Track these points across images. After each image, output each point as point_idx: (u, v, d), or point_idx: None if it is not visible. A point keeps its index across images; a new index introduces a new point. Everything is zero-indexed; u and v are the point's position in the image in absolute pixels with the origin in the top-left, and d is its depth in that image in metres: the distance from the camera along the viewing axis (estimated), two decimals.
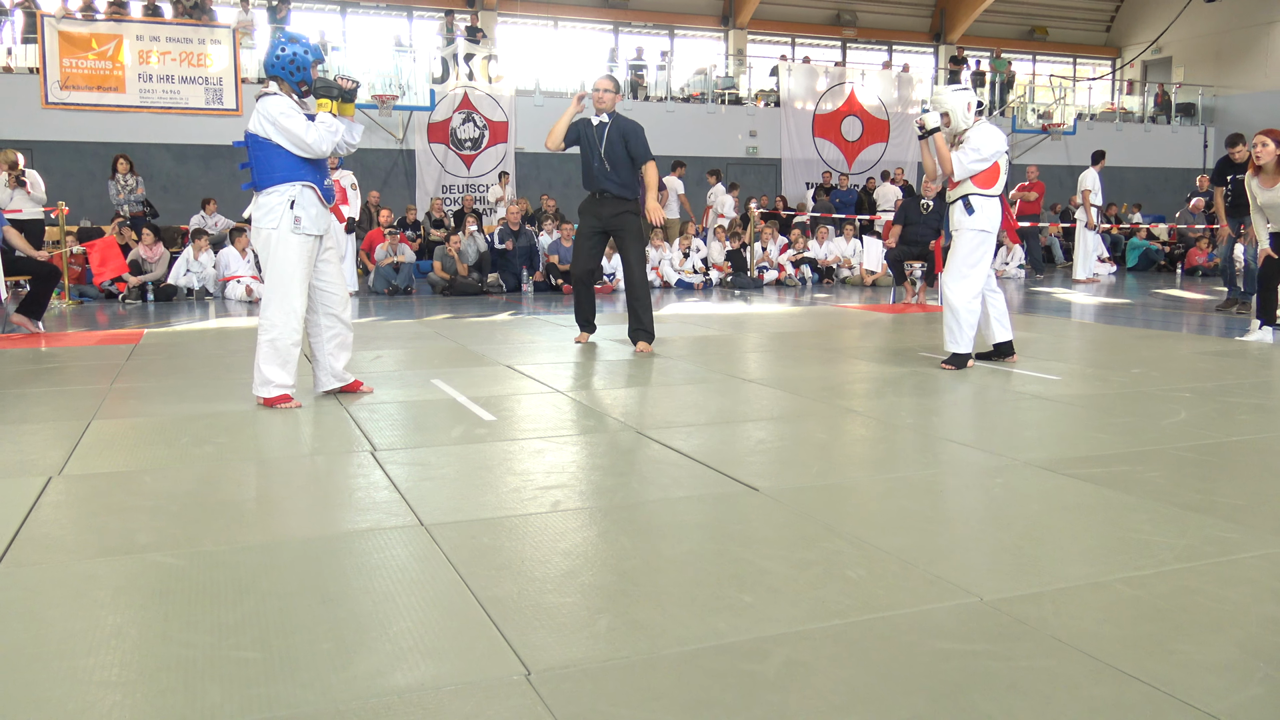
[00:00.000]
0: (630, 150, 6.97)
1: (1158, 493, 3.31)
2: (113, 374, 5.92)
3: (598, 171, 7.00)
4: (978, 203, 5.97)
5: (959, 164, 5.93)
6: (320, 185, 4.90)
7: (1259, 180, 7.31)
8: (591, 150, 7.02)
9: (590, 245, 7.22)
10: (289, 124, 4.72)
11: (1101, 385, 5.44)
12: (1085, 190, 14.04)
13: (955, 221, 6.08)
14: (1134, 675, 1.99)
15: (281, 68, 4.86)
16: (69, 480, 3.53)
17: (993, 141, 5.93)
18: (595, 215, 7.13)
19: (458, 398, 5.09)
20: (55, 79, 14.61)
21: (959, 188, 6.05)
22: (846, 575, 2.55)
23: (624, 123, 7.04)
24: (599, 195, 7.07)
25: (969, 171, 5.95)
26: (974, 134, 5.95)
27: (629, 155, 6.98)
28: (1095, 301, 11.19)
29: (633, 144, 6.97)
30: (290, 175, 4.79)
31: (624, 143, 6.97)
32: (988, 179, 6.00)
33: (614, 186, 7.02)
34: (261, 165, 4.80)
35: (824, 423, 4.53)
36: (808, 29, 23.12)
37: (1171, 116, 23.04)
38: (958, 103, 5.98)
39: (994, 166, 5.99)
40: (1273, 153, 7.16)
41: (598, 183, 7.04)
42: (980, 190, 5.98)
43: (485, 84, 17.19)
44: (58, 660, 2.06)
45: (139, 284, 11.46)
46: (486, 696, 1.91)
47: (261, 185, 4.81)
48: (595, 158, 7.01)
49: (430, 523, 2.99)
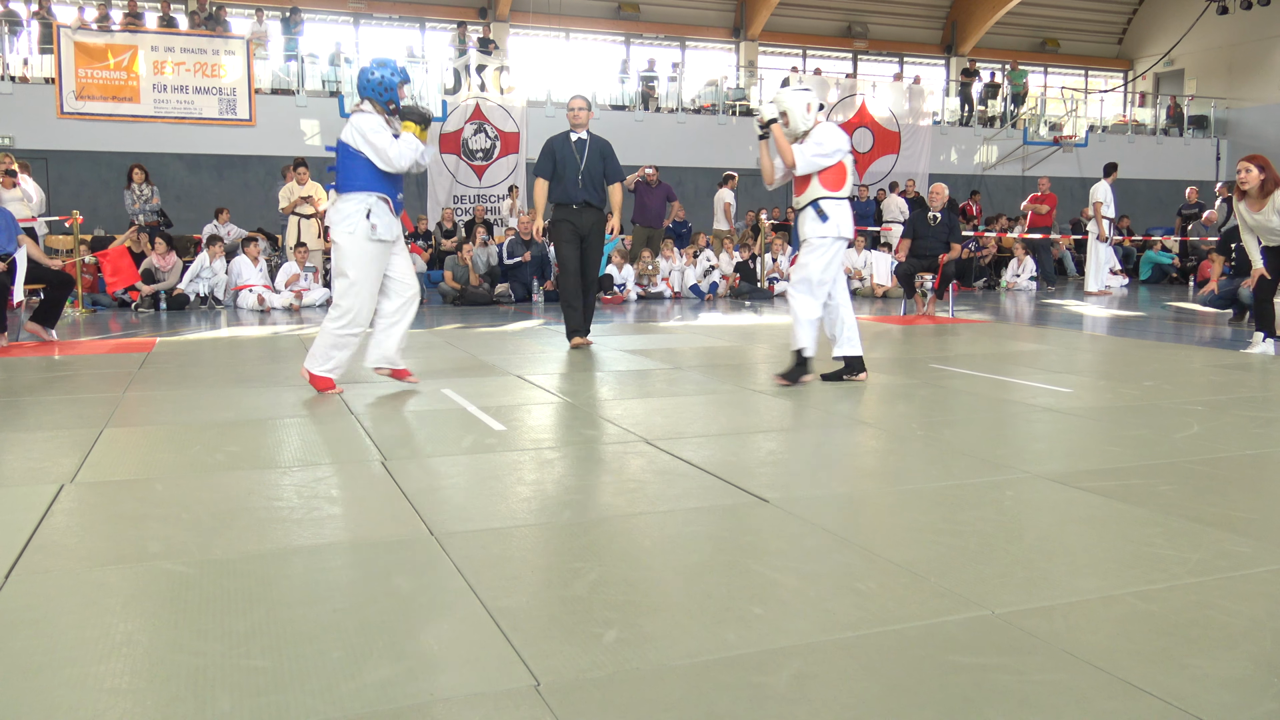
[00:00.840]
0: (607, 168, 7.57)
1: (1170, 506, 3.29)
2: (125, 382, 5.95)
3: (580, 185, 7.48)
4: (829, 208, 5.78)
5: (801, 156, 5.71)
6: (394, 197, 5.47)
7: (1246, 204, 7.41)
8: (572, 166, 7.47)
9: (577, 253, 7.65)
10: (377, 140, 5.28)
11: (1113, 398, 5.42)
12: (1097, 203, 14.02)
13: (806, 230, 5.85)
14: (1146, 689, 1.98)
15: (373, 89, 5.41)
16: (81, 488, 3.54)
17: (834, 138, 5.78)
18: (574, 224, 7.57)
19: (468, 407, 5.10)
20: (71, 89, 14.74)
21: (807, 191, 5.84)
22: (857, 588, 2.54)
23: (600, 141, 7.62)
24: (577, 206, 7.55)
25: (812, 165, 5.74)
26: (816, 131, 5.79)
27: (605, 171, 7.55)
28: (1107, 314, 11.15)
29: (610, 163, 7.59)
30: (369, 185, 5.36)
31: (603, 161, 7.53)
32: (835, 180, 5.81)
33: (594, 198, 7.56)
34: (346, 172, 5.37)
35: (834, 434, 4.52)
36: (819, 41, 23.18)
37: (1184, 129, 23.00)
38: (796, 103, 5.79)
39: (839, 166, 5.81)
40: (1256, 178, 7.26)
41: (578, 195, 7.52)
42: (830, 193, 5.80)
43: (497, 95, 17.27)
44: (69, 667, 2.07)
45: (151, 293, 11.52)
46: (496, 707, 1.91)
47: (343, 189, 5.38)
48: (575, 173, 7.47)
49: (440, 532, 2.99)
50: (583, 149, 7.44)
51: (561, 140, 7.54)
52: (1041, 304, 12.60)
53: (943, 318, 10.40)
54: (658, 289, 13.57)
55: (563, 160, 7.48)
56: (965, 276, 15.00)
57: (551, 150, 7.54)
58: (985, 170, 20.77)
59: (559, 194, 7.56)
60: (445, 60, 17.90)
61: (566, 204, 7.54)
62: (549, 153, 7.54)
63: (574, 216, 7.53)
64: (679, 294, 13.76)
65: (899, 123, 19.77)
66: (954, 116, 21.42)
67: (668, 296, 13.62)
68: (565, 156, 7.47)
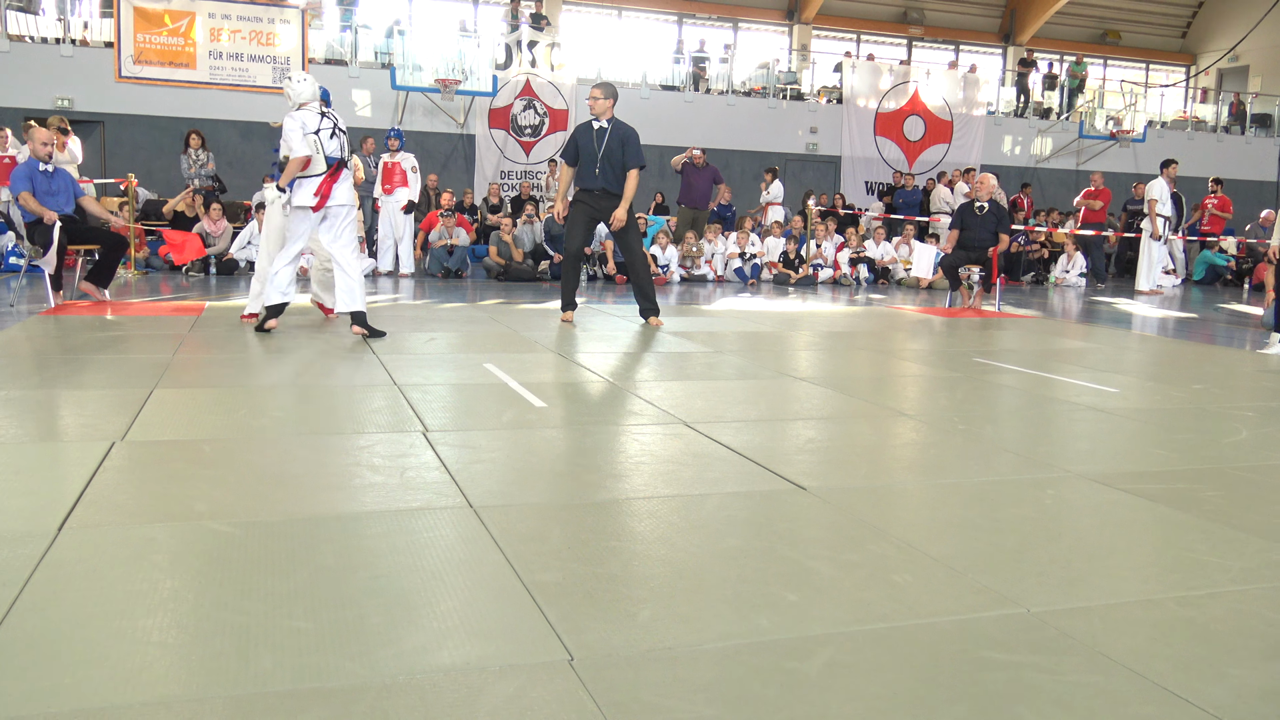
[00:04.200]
0: (626, 155, 7.74)
1: (1215, 513, 3.24)
2: (175, 344, 6.06)
3: (599, 172, 7.73)
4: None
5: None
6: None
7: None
8: (591, 153, 7.74)
9: (584, 230, 8.00)
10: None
11: (1161, 400, 5.34)
12: (1151, 200, 13.75)
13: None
14: (1183, 697, 1.96)
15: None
16: (131, 446, 3.62)
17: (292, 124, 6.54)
18: (592, 206, 7.84)
19: (509, 383, 5.14)
20: (129, 54, 14.95)
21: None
22: (892, 579, 2.54)
23: (623, 128, 7.79)
24: (597, 191, 7.79)
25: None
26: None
27: (624, 158, 7.74)
28: (1158, 314, 10.96)
29: (629, 149, 7.74)
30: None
31: (622, 148, 7.72)
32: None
33: (612, 185, 7.75)
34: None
35: (874, 424, 4.50)
36: (874, 26, 22.88)
37: (1246, 127, 22.42)
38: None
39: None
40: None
41: (597, 181, 7.76)
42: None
43: (548, 72, 17.27)
44: (118, 619, 2.13)
45: (202, 257, 11.70)
46: (529, 679, 1.94)
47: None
48: (595, 160, 7.73)
49: (479, 505, 3.03)
50: (603, 137, 7.71)
51: (584, 128, 7.86)
52: (1090, 301, 12.40)
53: (988, 311, 10.28)
54: (701, 271, 13.54)
55: (584, 148, 7.79)
56: (1013, 270, 14.81)
57: (575, 137, 7.91)
58: (1038, 163, 20.43)
59: (581, 180, 7.89)
60: (497, 35, 17.91)
61: (588, 190, 7.85)
62: (573, 139, 7.93)
63: (593, 201, 7.83)
64: (722, 277, 13.72)
65: (952, 112, 19.50)
66: (1009, 107, 21.08)
67: (711, 279, 13.58)
68: (586, 144, 7.78)
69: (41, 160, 8.05)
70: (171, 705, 1.79)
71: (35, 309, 7.69)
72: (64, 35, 15.40)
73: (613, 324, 8.00)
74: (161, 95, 15.27)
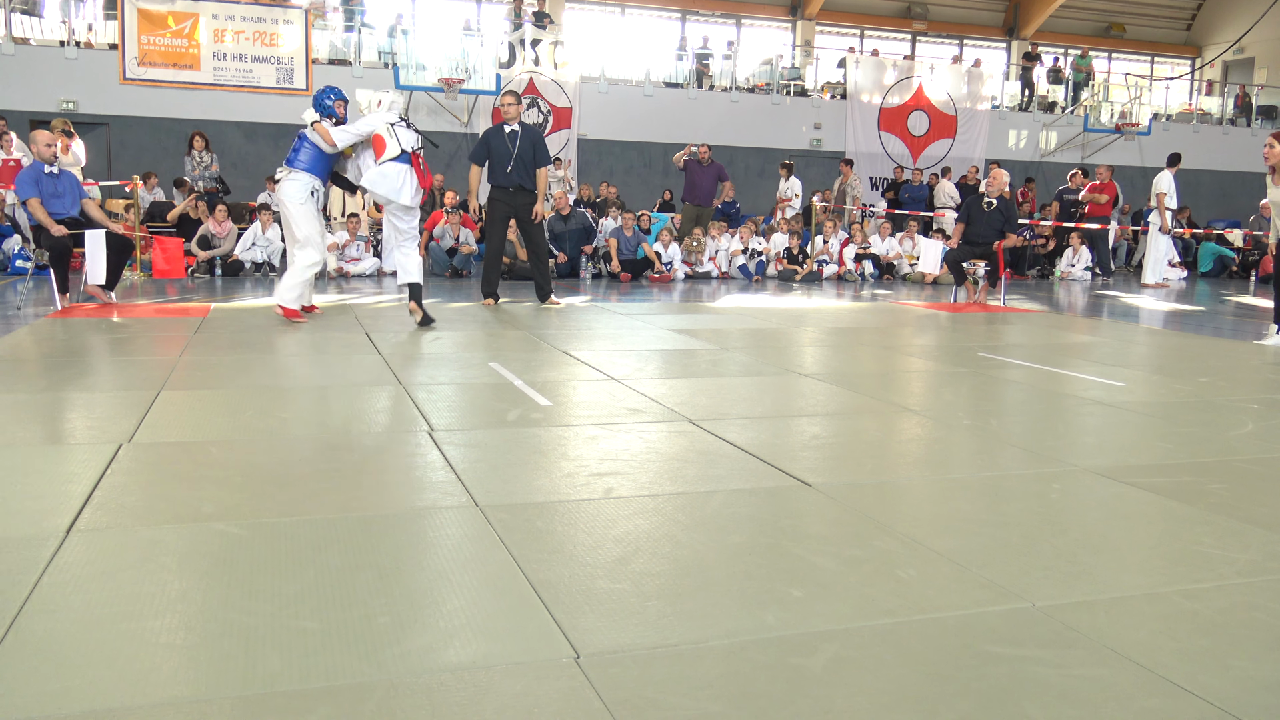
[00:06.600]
0: (537, 155, 8.72)
1: (1220, 506, 3.24)
2: (181, 346, 6.08)
3: (512, 171, 8.65)
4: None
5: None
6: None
7: (1272, 179, 7.31)
8: (505, 153, 8.63)
9: (504, 226, 9.03)
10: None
11: (1166, 393, 5.33)
12: (1160, 194, 13.71)
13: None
14: (1188, 689, 1.97)
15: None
16: (139, 448, 3.64)
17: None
18: (508, 204, 8.82)
19: (514, 381, 5.15)
20: (133, 55, 15.00)
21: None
22: (897, 575, 2.54)
23: (533, 132, 8.80)
24: (512, 189, 8.74)
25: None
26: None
27: (535, 158, 8.71)
28: (1164, 307, 10.93)
29: (540, 150, 8.79)
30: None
31: (534, 149, 8.69)
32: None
33: (526, 181, 8.75)
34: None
35: (879, 420, 4.50)
36: (877, 21, 22.85)
37: (1251, 119, 22.35)
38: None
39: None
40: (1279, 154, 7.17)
41: (511, 179, 8.69)
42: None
43: (551, 70, 17.27)
44: (126, 621, 2.14)
45: (207, 259, 11.73)
46: (536, 677, 1.94)
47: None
48: (508, 160, 8.63)
49: (485, 504, 3.04)
50: (515, 139, 8.61)
51: (495, 131, 8.77)
52: (1096, 295, 12.38)
53: (994, 306, 10.26)
54: (705, 268, 13.54)
55: (496, 149, 8.63)
56: (1018, 265, 14.77)
57: (486, 140, 8.78)
58: (1043, 157, 20.39)
59: (495, 178, 8.75)
60: (500, 34, 17.91)
61: (503, 187, 8.74)
62: (484, 141, 8.77)
63: (508, 198, 8.78)
64: (725, 274, 13.71)
65: (956, 106, 19.45)
66: (1013, 101, 21.03)
67: (715, 276, 13.58)
68: (498, 145, 8.63)
69: (46, 162, 8.07)
70: (180, 706, 1.80)
71: (42, 311, 7.73)
72: (68, 38, 15.44)
73: (617, 322, 8.01)
74: (166, 97, 15.31)
